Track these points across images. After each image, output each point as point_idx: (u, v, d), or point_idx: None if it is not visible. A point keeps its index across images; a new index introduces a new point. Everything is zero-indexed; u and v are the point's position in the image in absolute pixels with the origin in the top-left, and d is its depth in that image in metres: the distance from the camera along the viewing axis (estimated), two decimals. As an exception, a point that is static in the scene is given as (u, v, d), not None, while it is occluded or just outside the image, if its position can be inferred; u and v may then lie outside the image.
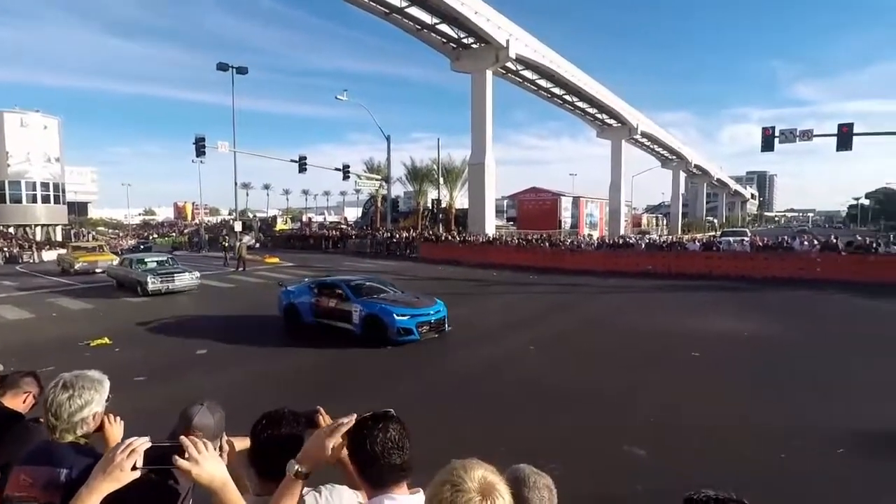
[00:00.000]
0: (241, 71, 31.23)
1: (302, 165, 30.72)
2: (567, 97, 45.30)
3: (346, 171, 33.01)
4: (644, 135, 57.77)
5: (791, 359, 8.32)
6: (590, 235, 42.13)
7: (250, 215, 70.37)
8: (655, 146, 65.70)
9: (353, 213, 78.69)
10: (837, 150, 20.50)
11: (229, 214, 70.69)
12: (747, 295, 15.56)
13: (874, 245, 20.11)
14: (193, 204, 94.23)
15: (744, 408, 6.08)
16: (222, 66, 30.35)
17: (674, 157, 71.02)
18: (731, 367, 7.92)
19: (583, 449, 5.05)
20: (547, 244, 26.66)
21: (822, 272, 18.15)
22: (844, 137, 20.37)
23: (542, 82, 41.22)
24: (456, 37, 31.69)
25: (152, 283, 15.92)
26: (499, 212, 61.22)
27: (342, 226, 52.91)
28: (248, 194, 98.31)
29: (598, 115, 51.01)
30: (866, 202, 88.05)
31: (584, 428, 5.60)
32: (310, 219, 65.07)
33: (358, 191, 43.13)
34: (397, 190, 53.15)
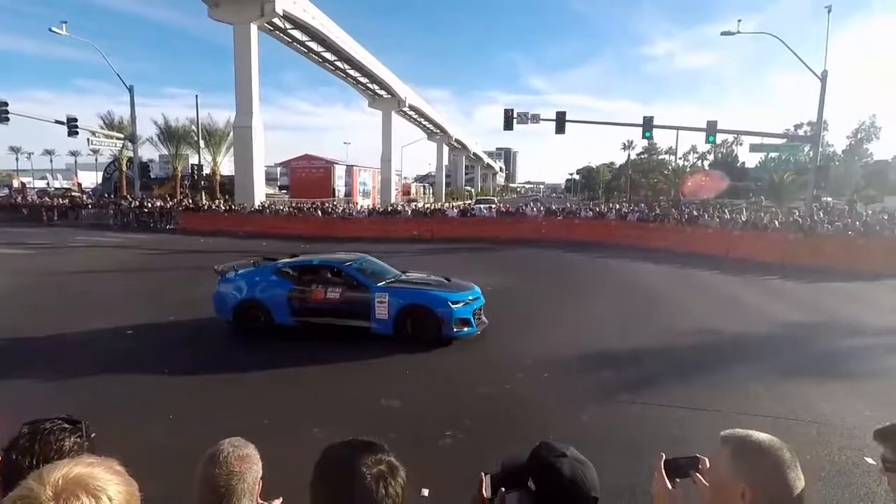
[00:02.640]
0: None
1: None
2: (339, 64, 44.92)
3: (72, 126, 26.66)
4: (412, 108, 61.22)
5: (518, 305, 10.41)
6: (360, 205, 43.34)
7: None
8: (422, 120, 70.33)
9: (91, 179, 64.48)
10: (556, 133, 25.40)
11: None
12: (494, 254, 18.47)
13: (578, 211, 25.82)
14: None
15: (481, 352, 7.41)
16: None
17: (438, 131, 77.20)
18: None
19: (346, 409, 5.36)
20: (319, 212, 26.66)
21: (546, 233, 22.60)
22: (560, 123, 25.34)
23: (314, 45, 39.95)
24: (214, -21, 28.32)
25: None
26: (270, 179, 57.95)
27: (74, 193, 42.67)
28: None
29: (370, 85, 52.02)
30: (577, 177, 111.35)
31: (346, 393, 5.88)
32: (23, 184, 50.75)
33: (96, 151, 35.61)
34: (149, 153, 45.65)
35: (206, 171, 39.34)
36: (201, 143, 37.41)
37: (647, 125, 25.82)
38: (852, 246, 16.74)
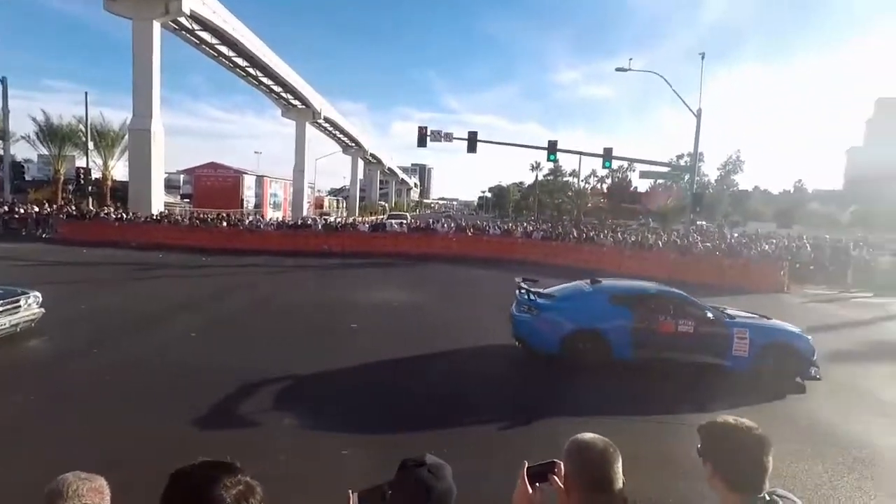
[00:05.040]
0: None
1: None
2: (252, 70, 43.42)
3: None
4: (327, 120, 60.39)
5: (425, 319, 10.74)
6: (270, 217, 41.92)
7: None
8: (337, 132, 69.54)
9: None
10: (468, 151, 26.44)
11: None
12: (403, 269, 18.74)
13: (487, 229, 26.93)
14: None
15: (388, 373, 7.62)
16: None
17: (353, 144, 76.66)
18: (381, 333, 9.34)
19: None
20: (224, 223, 25.49)
21: (456, 249, 23.30)
22: (472, 143, 26.42)
23: (224, 49, 38.31)
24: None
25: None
26: (172, 187, 54.31)
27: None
28: None
29: (284, 95, 50.71)
30: (489, 195, 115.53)
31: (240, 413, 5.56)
32: None
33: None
34: (25, 152, 40.93)
35: (96, 175, 36.09)
36: (90, 144, 34.29)
37: (552, 148, 27.67)
38: (720, 264, 19.07)
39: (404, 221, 30.69)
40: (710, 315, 7.35)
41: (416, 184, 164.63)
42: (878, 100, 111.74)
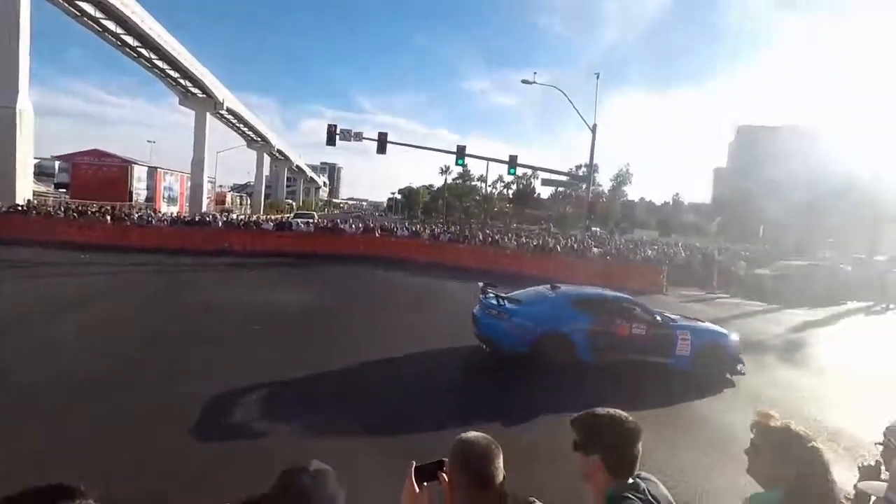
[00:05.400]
0: None
1: None
2: (144, 51, 39.86)
3: None
4: (231, 112, 57.08)
5: (328, 322, 10.63)
6: (164, 212, 38.85)
7: None
8: (242, 126, 65.95)
9: None
10: (377, 152, 26.46)
11: None
12: (309, 269, 18.31)
13: (395, 230, 27.09)
14: None
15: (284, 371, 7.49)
16: None
17: (259, 139, 73.13)
18: (281, 335, 9.05)
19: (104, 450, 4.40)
20: (108, 218, 23.21)
21: (363, 249, 23.16)
22: (382, 144, 26.45)
23: (111, 25, 34.82)
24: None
25: None
26: (45, 174, 48.40)
27: None
28: None
29: (182, 81, 47.09)
30: (399, 196, 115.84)
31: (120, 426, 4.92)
32: None
33: None
34: None
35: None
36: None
37: (460, 153, 28.51)
38: (611, 267, 20.80)
39: (311, 221, 29.91)
40: (658, 318, 8.07)
41: (325, 183, 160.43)
42: (738, 126, 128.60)
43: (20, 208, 22.60)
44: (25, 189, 26.73)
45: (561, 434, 1.77)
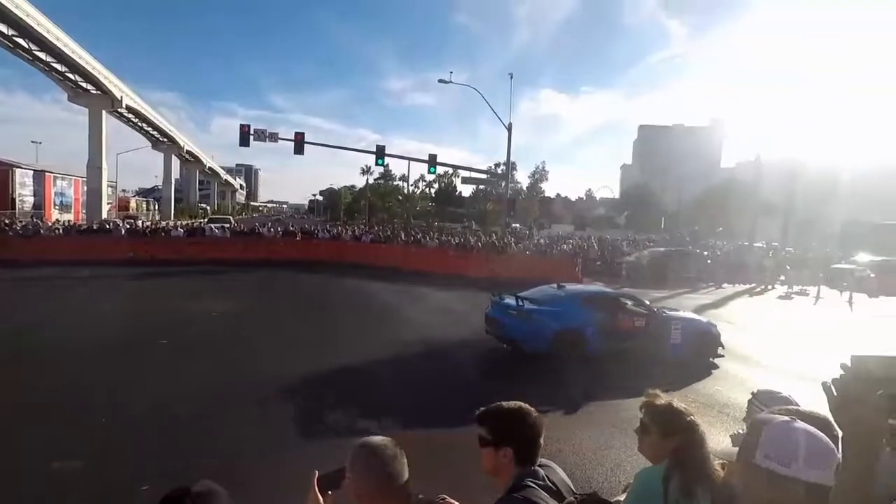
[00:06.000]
0: None
1: None
2: (22, 41, 35.91)
3: None
4: (130, 110, 52.91)
5: (247, 330, 10.37)
6: (56, 220, 35.44)
7: None
8: (145, 125, 61.35)
9: None
10: (295, 153, 25.86)
11: None
12: (226, 277, 17.57)
13: (316, 232, 26.62)
14: None
15: (205, 379, 7.31)
16: None
17: (165, 139, 68.40)
18: (196, 347, 8.71)
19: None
20: (-13, 229, 20.87)
21: (284, 253, 22.55)
22: (299, 144, 25.87)
23: (-24, 13, 31.09)
24: None
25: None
26: None
27: None
28: None
29: (70, 76, 42.95)
30: (320, 198, 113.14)
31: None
32: None
33: None
34: None
35: None
36: None
37: (380, 153, 28.57)
38: (531, 261, 21.77)
39: (227, 226, 28.61)
40: (655, 311, 8.81)
41: (242, 185, 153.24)
42: (640, 126, 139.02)
43: None
44: None
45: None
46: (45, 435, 4.98)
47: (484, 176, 37.08)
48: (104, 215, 44.55)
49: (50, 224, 26.06)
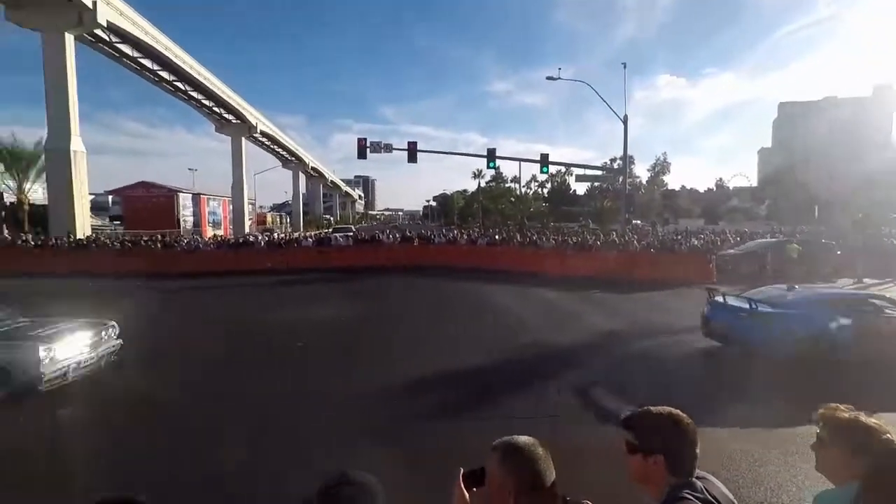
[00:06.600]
0: None
1: None
2: (179, 84, 41.78)
3: None
4: (264, 134, 59.00)
5: (368, 335, 10.69)
6: (210, 236, 40.37)
7: None
8: (276, 147, 68.02)
9: None
10: (409, 161, 26.65)
11: None
12: (351, 283, 18.51)
13: (433, 238, 27.14)
14: None
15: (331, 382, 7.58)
16: None
17: (293, 158, 75.21)
18: (329, 351, 9.08)
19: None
20: (159, 245, 24.28)
21: (404, 259, 23.30)
22: (412, 153, 26.63)
23: (148, 63, 36.70)
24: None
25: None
26: (99, 209, 51.27)
27: None
28: None
29: (216, 109, 49.09)
30: (434, 204, 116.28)
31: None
32: None
33: None
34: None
35: (10, 199, 33.46)
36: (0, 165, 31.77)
37: (491, 156, 28.42)
38: (654, 259, 20.15)
39: (350, 234, 30.37)
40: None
41: (360, 196, 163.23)
42: (780, 104, 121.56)
43: (82, 242, 23.98)
44: (85, 224, 28.41)
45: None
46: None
47: (599, 172, 35.21)
48: (247, 230, 49.98)
49: (207, 239, 29.67)
